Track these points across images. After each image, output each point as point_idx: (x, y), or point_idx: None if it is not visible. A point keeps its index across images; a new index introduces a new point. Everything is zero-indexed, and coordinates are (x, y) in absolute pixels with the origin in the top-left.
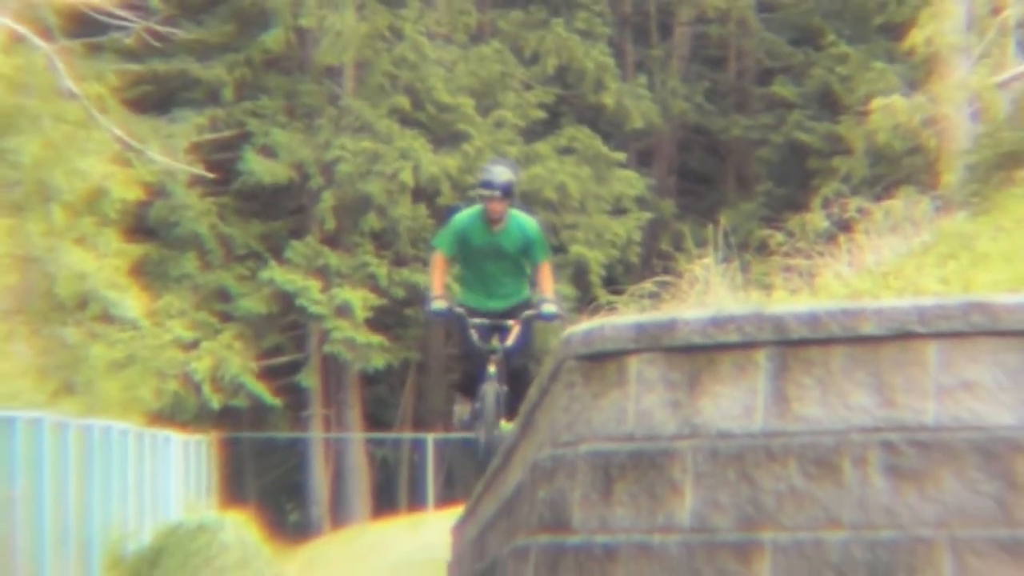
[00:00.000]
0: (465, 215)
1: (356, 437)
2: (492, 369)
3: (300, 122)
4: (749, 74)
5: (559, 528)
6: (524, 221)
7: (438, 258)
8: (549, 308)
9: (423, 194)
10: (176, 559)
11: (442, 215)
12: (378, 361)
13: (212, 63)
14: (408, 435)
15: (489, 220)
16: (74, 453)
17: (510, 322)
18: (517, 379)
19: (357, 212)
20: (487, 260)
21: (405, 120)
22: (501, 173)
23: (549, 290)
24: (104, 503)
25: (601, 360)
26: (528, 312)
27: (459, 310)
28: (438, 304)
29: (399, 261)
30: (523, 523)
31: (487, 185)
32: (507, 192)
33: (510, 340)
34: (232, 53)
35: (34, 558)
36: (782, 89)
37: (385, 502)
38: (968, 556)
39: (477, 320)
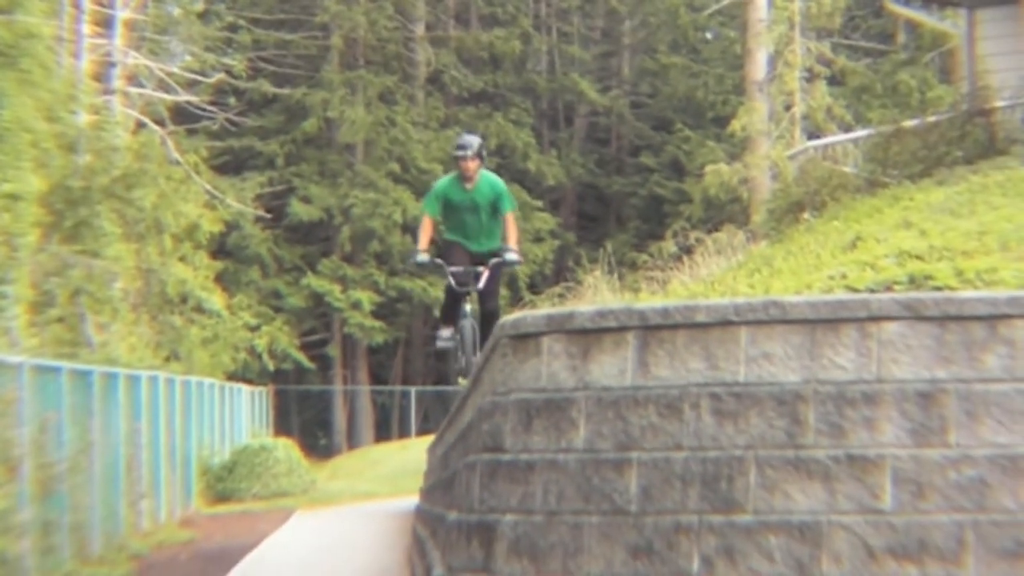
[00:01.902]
0: (444, 180)
1: (364, 389)
2: (468, 307)
3: (328, 180)
4: (624, 149)
5: (496, 450)
6: (492, 179)
7: (425, 220)
8: (511, 255)
9: (408, 228)
10: (245, 468)
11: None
12: (379, 338)
13: (269, 141)
14: (399, 388)
15: (463, 179)
16: (179, 399)
17: (480, 268)
18: (488, 319)
19: (365, 240)
20: (465, 213)
21: (397, 179)
22: (471, 139)
23: (513, 239)
24: (198, 432)
25: (524, 338)
26: (495, 260)
27: (439, 260)
28: (421, 257)
29: (392, 273)
30: (473, 446)
31: (462, 147)
32: (478, 152)
33: (481, 282)
34: (283, 135)
35: (152, 469)
36: (646, 159)
37: (383, 432)
38: (767, 469)
39: (453, 268)
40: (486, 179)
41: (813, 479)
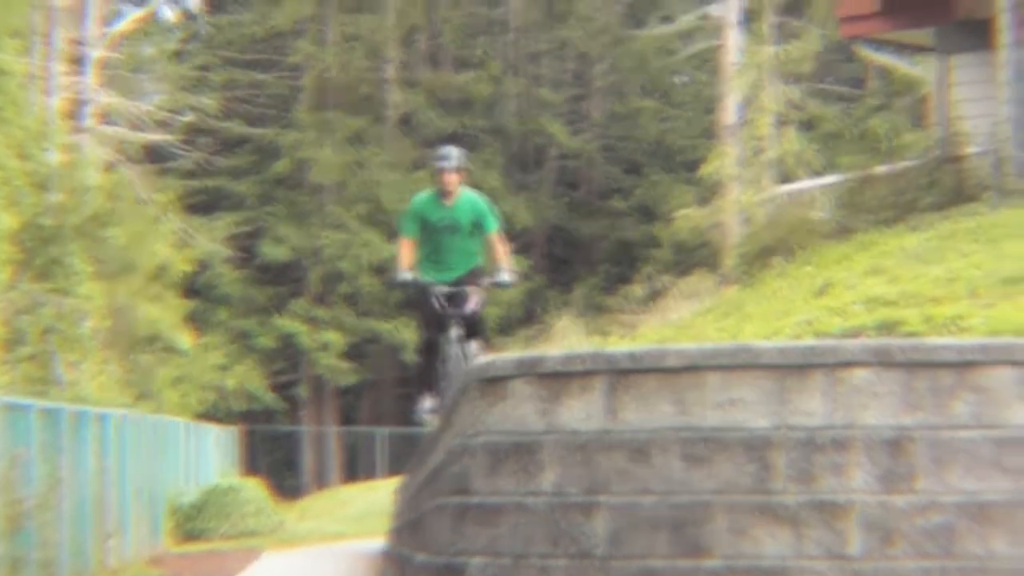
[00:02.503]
0: (421, 196)
1: (332, 430)
2: (454, 332)
3: (298, 221)
4: (595, 193)
5: (465, 492)
6: (472, 196)
7: (404, 242)
8: (504, 277)
9: (377, 270)
10: (214, 508)
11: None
12: (348, 379)
13: (241, 181)
14: (367, 429)
15: (442, 194)
16: (148, 438)
17: (468, 289)
18: (474, 329)
19: (335, 282)
20: (444, 234)
21: (367, 221)
22: (452, 150)
23: (503, 258)
24: (166, 472)
25: (493, 382)
26: (487, 281)
27: (424, 279)
28: (404, 275)
29: (362, 314)
30: (442, 488)
31: (442, 158)
32: (458, 165)
33: (471, 304)
34: (254, 175)
35: (121, 507)
36: (617, 203)
37: (351, 473)
38: (736, 514)
39: (440, 288)
40: (467, 196)
41: (782, 524)
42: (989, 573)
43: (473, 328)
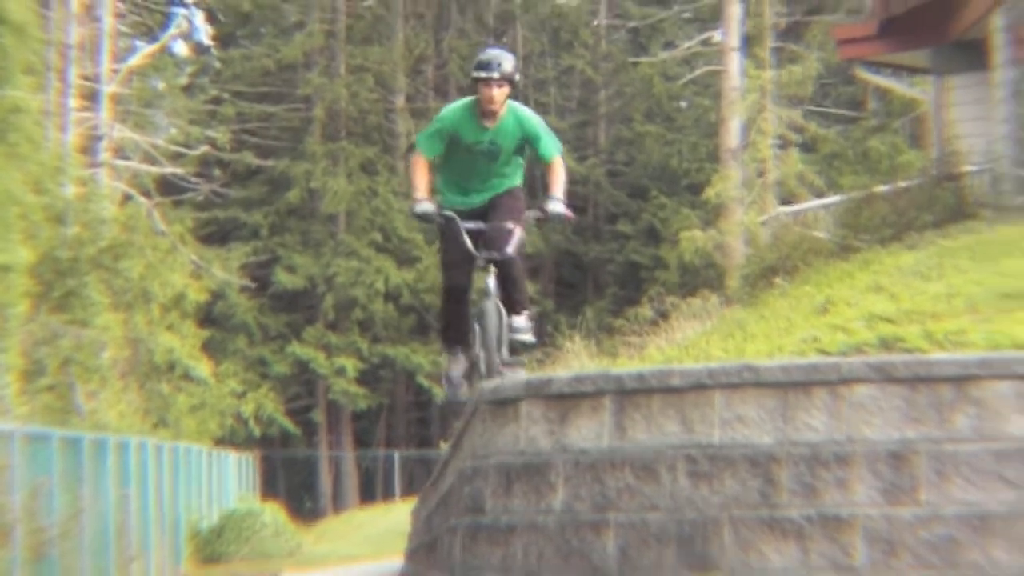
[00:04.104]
0: (455, 108)
1: (348, 454)
2: (491, 281)
3: (311, 250)
4: (601, 217)
5: (477, 512)
6: (521, 114)
7: (419, 160)
8: (557, 207)
9: (390, 296)
10: (233, 532)
11: (404, 310)
12: (363, 404)
13: (253, 212)
14: (382, 452)
15: (483, 113)
16: (167, 465)
17: (507, 225)
18: (512, 285)
19: (348, 308)
20: (478, 158)
21: (379, 248)
22: (501, 55)
23: (557, 187)
24: (186, 497)
25: (503, 404)
26: (533, 213)
27: (449, 212)
28: (424, 206)
29: (376, 340)
30: (455, 509)
31: (485, 67)
32: (508, 77)
33: (511, 247)
34: (266, 206)
35: (142, 533)
36: (623, 227)
37: (368, 495)
38: (742, 528)
39: (471, 224)
40: (513, 115)
41: (787, 538)
42: None
43: (509, 276)
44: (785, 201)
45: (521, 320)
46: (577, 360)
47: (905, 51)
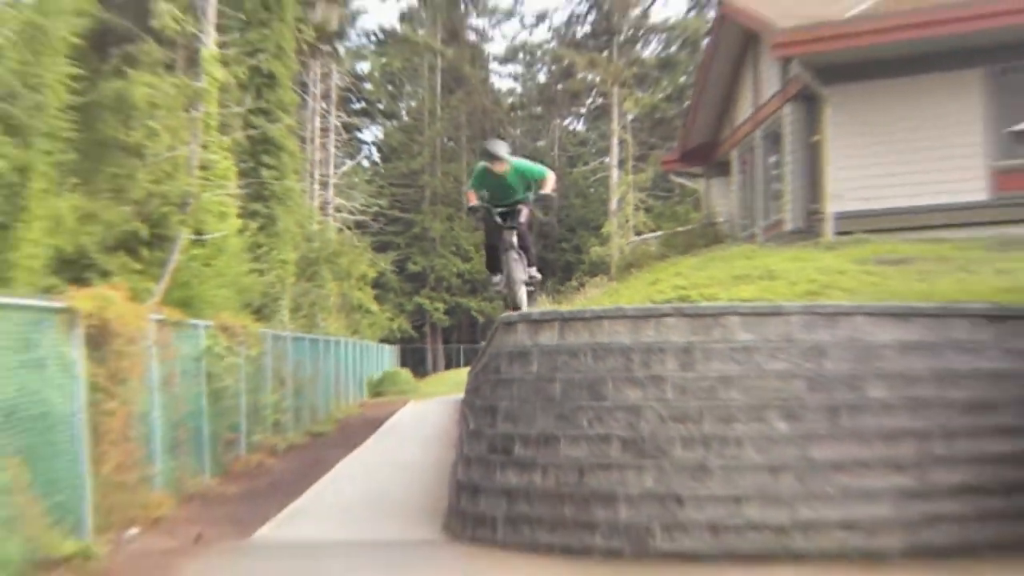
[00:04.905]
0: (479, 168)
1: (440, 346)
2: (511, 239)
3: (423, 254)
4: (552, 240)
5: (497, 373)
6: (520, 165)
7: (470, 193)
8: (544, 190)
9: (458, 275)
10: (388, 382)
11: (465, 282)
12: (446, 323)
13: (397, 236)
14: (455, 345)
15: (492, 173)
16: (357, 351)
17: (518, 207)
18: (524, 241)
19: (440, 281)
20: (497, 189)
21: (453, 253)
22: (496, 145)
23: (547, 187)
24: (365, 366)
25: (510, 324)
26: (531, 195)
27: (486, 205)
28: (472, 204)
29: (452, 294)
30: (487, 371)
31: (489, 154)
32: (501, 157)
33: (522, 217)
34: (403, 234)
35: (346, 382)
36: (564, 245)
37: (449, 365)
38: (616, 382)
39: (498, 209)
40: (515, 167)
41: (636, 386)
42: (729, 409)
43: (523, 237)
44: (638, 234)
45: (532, 269)
46: (543, 305)
47: (692, 166)
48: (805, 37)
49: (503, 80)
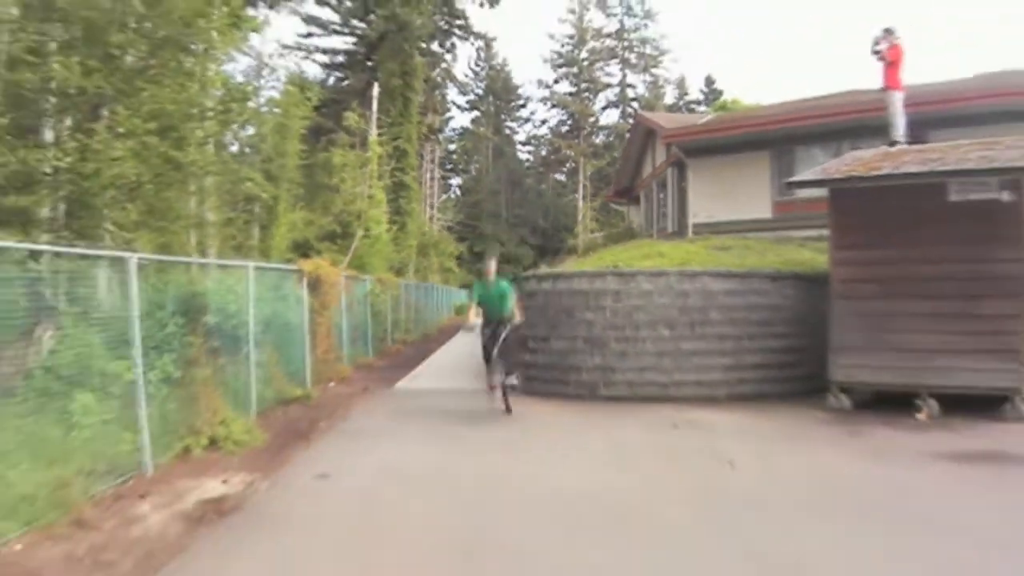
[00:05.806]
0: (477, 284)
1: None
2: (495, 355)
3: (482, 237)
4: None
5: (528, 296)
6: (503, 283)
7: (470, 305)
8: (515, 320)
9: (502, 246)
10: (464, 308)
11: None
12: None
13: (465, 233)
14: None
15: (487, 282)
16: (440, 293)
17: (500, 328)
18: (506, 356)
19: (490, 253)
20: (489, 299)
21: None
22: (491, 264)
23: (516, 312)
24: (440, 301)
25: (527, 278)
26: (509, 322)
27: (480, 324)
28: (473, 323)
29: (502, 262)
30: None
31: (486, 268)
32: (490, 265)
33: (500, 339)
34: (469, 232)
35: (424, 316)
36: (533, 243)
37: None
38: (582, 310)
39: (487, 329)
40: (500, 283)
41: (590, 311)
42: (638, 323)
43: (505, 345)
44: (592, 233)
45: (511, 377)
46: (542, 269)
47: (622, 199)
48: (679, 132)
49: (523, 153)
